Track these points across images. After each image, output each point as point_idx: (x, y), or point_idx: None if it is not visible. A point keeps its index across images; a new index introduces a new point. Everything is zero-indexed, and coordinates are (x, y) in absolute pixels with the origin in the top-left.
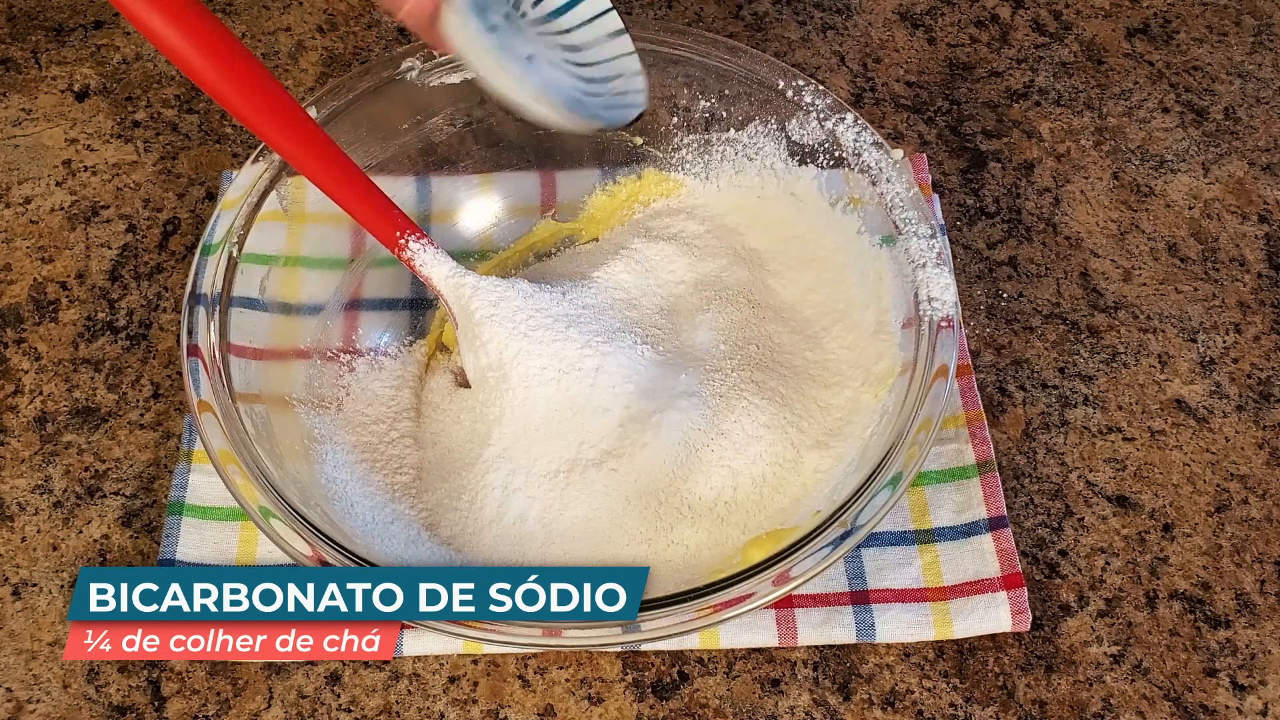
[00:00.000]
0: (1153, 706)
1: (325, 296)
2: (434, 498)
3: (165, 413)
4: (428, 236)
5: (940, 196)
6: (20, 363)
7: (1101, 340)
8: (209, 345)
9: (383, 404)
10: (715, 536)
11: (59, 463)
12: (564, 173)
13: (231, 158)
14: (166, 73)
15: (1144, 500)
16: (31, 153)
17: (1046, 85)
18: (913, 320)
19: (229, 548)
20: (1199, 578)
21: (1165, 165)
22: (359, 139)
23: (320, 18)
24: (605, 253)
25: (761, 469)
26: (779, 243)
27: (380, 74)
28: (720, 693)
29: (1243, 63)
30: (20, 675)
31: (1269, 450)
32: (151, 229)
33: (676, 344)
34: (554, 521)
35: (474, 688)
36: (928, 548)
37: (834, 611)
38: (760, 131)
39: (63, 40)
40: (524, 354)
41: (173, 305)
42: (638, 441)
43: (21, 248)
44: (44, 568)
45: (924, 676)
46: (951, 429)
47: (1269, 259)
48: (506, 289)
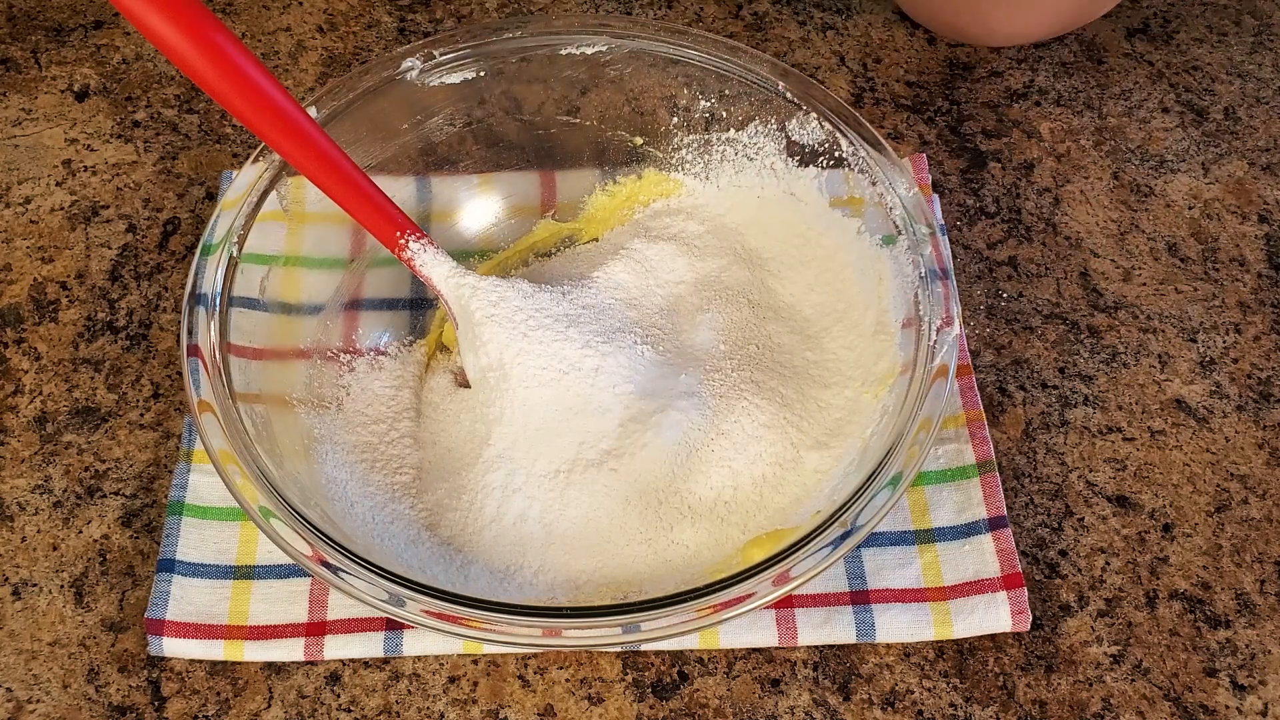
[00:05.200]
0: (1153, 706)
1: (325, 296)
2: (434, 498)
3: (165, 413)
4: (428, 236)
5: (940, 196)
6: (20, 363)
7: (1101, 340)
8: (209, 345)
9: (383, 404)
10: (715, 536)
11: (59, 463)
12: (564, 173)
13: (231, 158)
14: (166, 73)
15: (1144, 500)
16: (31, 153)
17: (1046, 85)
18: (913, 320)
19: (229, 548)
20: (1199, 578)
21: (1165, 165)
22: (359, 139)
23: (320, 18)
24: (605, 253)
25: (761, 469)
26: (779, 243)
27: (380, 74)
28: (720, 693)
29: (1243, 63)
30: (20, 675)
31: (1269, 450)
32: (151, 229)
33: (676, 344)
34: (554, 521)
35: (474, 688)
36: (928, 548)
37: (834, 611)
38: (760, 131)
39: (63, 40)
40: (524, 354)
41: (173, 305)
42: (638, 441)
43: (21, 248)
44: (44, 568)
45: (924, 676)
46: (951, 429)
47: (1269, 259)
48: (506, 289)
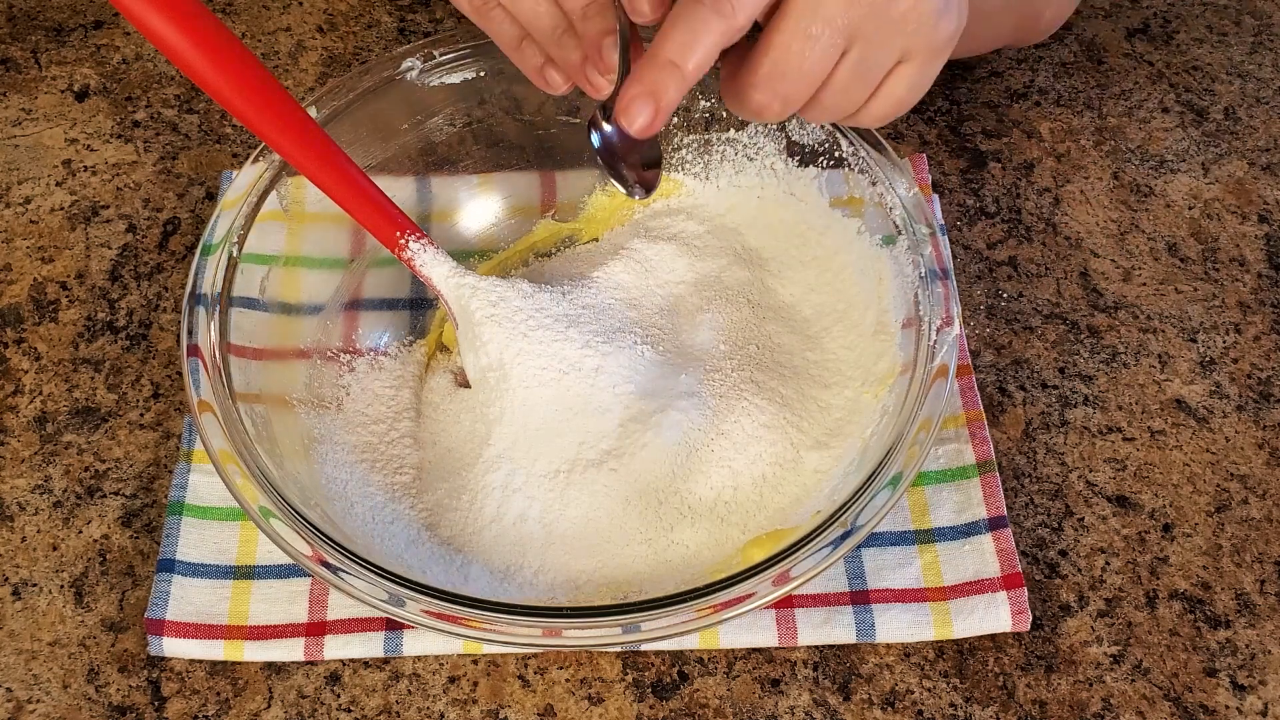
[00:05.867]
0: (1153, 706)
1: (325, 296)
2: (434, 498)
3: (165, 413)
4: (428, 236)
5: (940, 196)
6: (20, 363)
7: (1101, 340)
8: (209, 345)
9: (383, 404)
10: (715, 536)
11: (59, 463)
12: (564, 173)
13: (231, 158)
14: (166, 73)
15: (1144, 500)
16: (31, 153)
17: (1046, 85)
18: (913, 320)
19: (229, 548)
20: (1199, 578)
21: (1165, 165)
22: (359, 139)
23: (320, 18)
24: (605, 253)
25: (761, 469)
26: (779, 243)
27: (380, 74)
28: (720, 693)
29: (1243, 63)
30: (20, 675)
31: (1269, 450)
32: (151, 229)
33: (676, 344)
34: (554, 521)
35: (474, 688)
36: (928, 548)
37: (834, 611)
38: (760, 131)
39: (63, 40)
40: (524, 354)
41: (173, 305)
42: (638, 441)
43: (21, 248)
44: (44, 568)
45: (924, 676)
46: (951, 429)
47: (1269, 259)
48: (506, 289)
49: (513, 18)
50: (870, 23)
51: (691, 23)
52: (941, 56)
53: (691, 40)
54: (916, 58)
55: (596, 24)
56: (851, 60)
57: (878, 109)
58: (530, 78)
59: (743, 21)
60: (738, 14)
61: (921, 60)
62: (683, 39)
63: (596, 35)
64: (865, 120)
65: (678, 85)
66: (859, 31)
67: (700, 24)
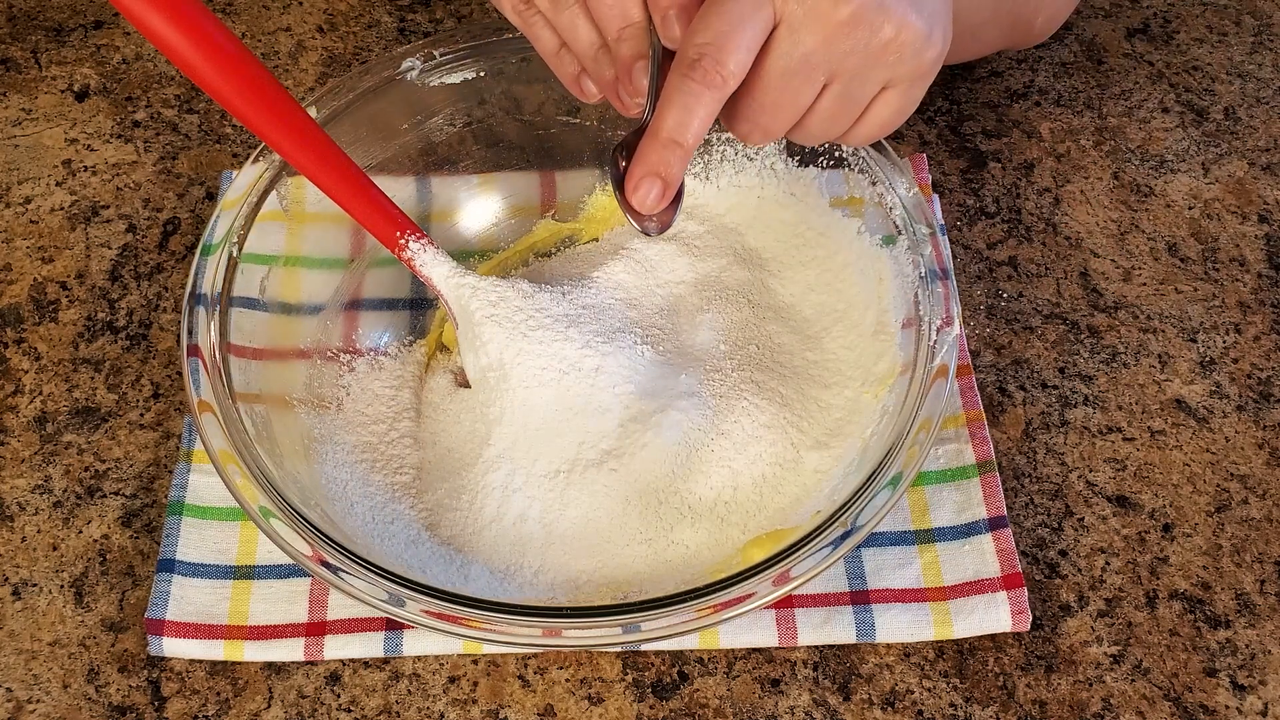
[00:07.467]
0: (1153, 706)
1: (325, 296)
2: (434, 498)
3: (165, 413)
4: (428, 236)
5: (940, 196)
6: (20, 363)
7: (1101, 340)
8: (209, 345)
9: (383, 404)
10: (715, 536)
11: (59, 463)
12: (564, 173)
13: (231, 158)
14: (166, 73)
15: (1144, 500)
16: (31, 153)
17: (1046, 85)
18: (913, 320)
19: (229, 548)
20: (1199, 578)
21: (1165, 165)
22: (359, 139)
23: (320, 18)
24: (605, 253)
25: (762, 469)
26: (779, 243)
27: (380, 74)
28: (720, 693)
29: (1243, 63)
30: (20, 675)
31: (1269, 450)
32: (151, 229)
33: (676, 344)
34: (554, 521)
35: (474, 688)
36: (928, 548)
37: (834, 611)
38: None
39: (63, 40)
40: (524, 354)
41: (173, 305)
42: (638, 441)
43: (21, 248)
44: (44, 568)
45: (924, 676)
46: (951, 429)
47: (1269, 259)
48: (506, 289)
49: (553, 28)
50: (852, 58)
51: (685, 99)
52: (926, 80)
53: (688, 117)
54: (900, 84)
55: (630, 47)
56: (834, 92)
57: (864, 132)
58: (565, 84)
59: (733, 86)
60: (728, 82)
61: (906, 86)
62: (679, 117)
63: (629, 59)
64: (853, 141)
65: (680, 160)
66: (841, 67)
67: (693, 99)
